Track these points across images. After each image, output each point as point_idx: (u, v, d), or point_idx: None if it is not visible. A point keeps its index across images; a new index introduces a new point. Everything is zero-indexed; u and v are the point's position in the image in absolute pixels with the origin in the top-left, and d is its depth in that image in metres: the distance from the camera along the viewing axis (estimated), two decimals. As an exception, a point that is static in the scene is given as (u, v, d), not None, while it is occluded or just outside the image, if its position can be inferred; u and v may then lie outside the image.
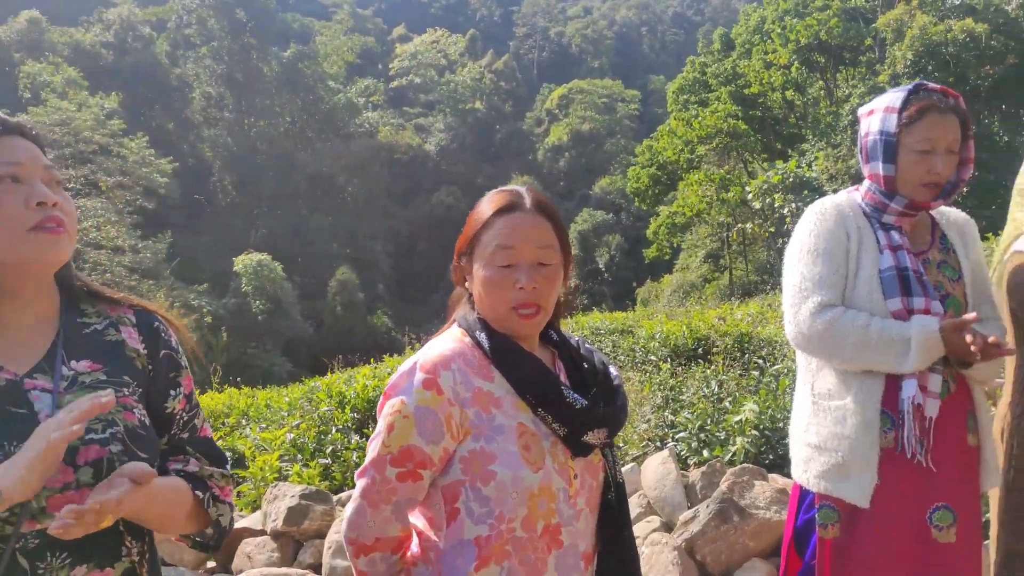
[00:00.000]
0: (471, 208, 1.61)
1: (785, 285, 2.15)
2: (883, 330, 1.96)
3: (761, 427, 4.27)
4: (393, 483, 1.46)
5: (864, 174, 2.18)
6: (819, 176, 22.83)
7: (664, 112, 41.56)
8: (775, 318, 8.66)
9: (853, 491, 2.00)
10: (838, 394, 2.06)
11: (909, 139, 2.04)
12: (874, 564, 2.00)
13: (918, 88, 2.09)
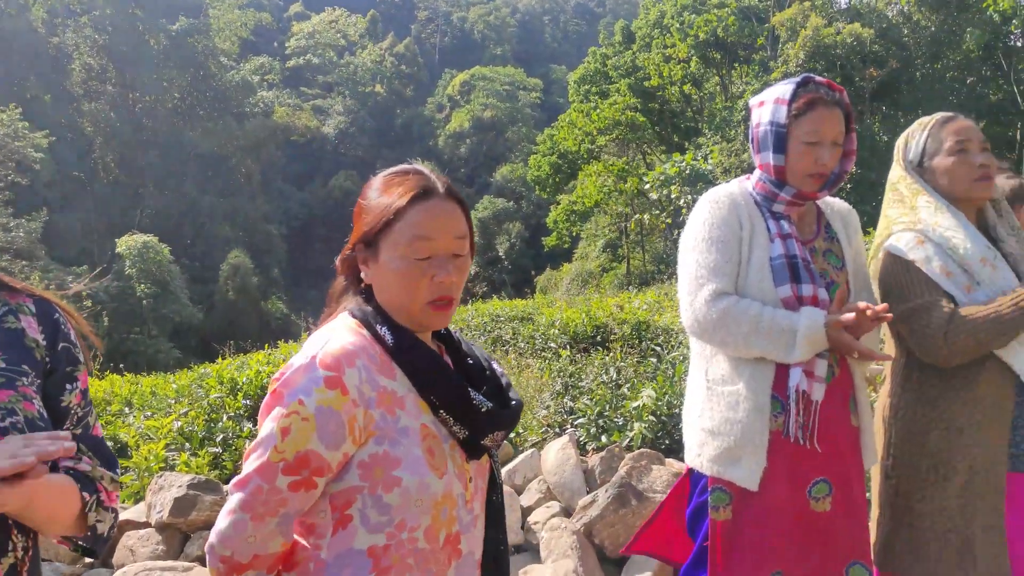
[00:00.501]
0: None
1: (681, 273, 2.17)
2: (773, 320, 2.00)
3: (658, 413, 4.34)
4: (284, 493, 1.30)
5: (755, 163, 2.22)
6: (714, 169, 23.52)
7: (566, 101, 41.98)
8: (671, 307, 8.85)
9: (743, 474, 2.03)
10: (731, 380, 2.09)
11: (798, 130, 2.08)
12: (762, 544, 2.04)
13: (806, 81, 2.13)
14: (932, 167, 2.23)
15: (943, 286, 2.10)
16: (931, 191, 2.21)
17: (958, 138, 2.19)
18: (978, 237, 2.14)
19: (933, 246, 2.13)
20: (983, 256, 2.11)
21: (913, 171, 2.27)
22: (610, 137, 31.26)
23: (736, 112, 26.04)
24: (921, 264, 2.12)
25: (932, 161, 2.23)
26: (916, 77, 24.54)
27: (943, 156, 2.20)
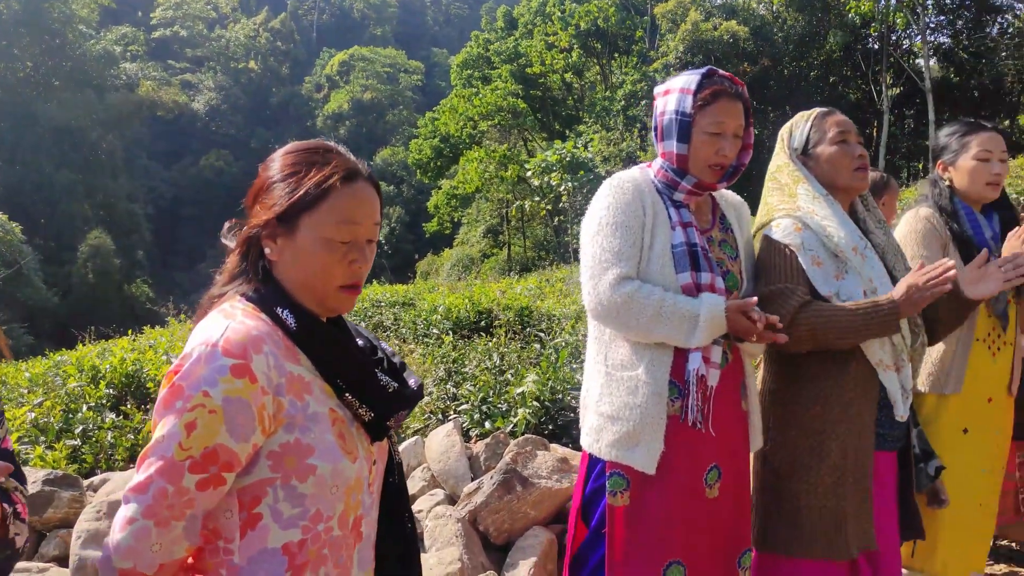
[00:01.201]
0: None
1: (584, 257, 2.15)
2: (676, 305, 2.02)
3: (542, 398, 4.35)
4: (191, 493, 1.22)
5: (657, 152, 2.23)
6: (594, 157, 23.94)
7: (448, 85, 41.77)
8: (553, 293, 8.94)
9: (641, 458, 2.05)
10: (631, 365, 2.10)
11: (702, 120, 2.11)
12: (659, 527, 2.06)
13: (711, 73, 2.16)
14: (816, 155, 2.31)
15: (812, 274, 2.18)
16: (811, 180, 2.29)
17: (840, 129, 2.29)
18: (851, 227, 2.24)
19: (810, 233, 2.21)
20: (855, 245, 2.21)
21: (796, 159, 2.34)
22: (492, 123, 31.30)
23: (616, 102, 26.59)
24: (796, 250, 2.19)
25: (816, 149, 2.31)
26: (784, 74, 25.75)
27: (826, 145, 2.29)
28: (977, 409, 2.61)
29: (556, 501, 3.47)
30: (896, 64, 25.77)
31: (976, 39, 25.88)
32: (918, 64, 25.05)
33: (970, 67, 25.50)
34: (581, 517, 2.19)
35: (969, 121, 2.74)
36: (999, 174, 2.63)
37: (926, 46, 24.49)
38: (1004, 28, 26.15)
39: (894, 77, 26.04)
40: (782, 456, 2.25)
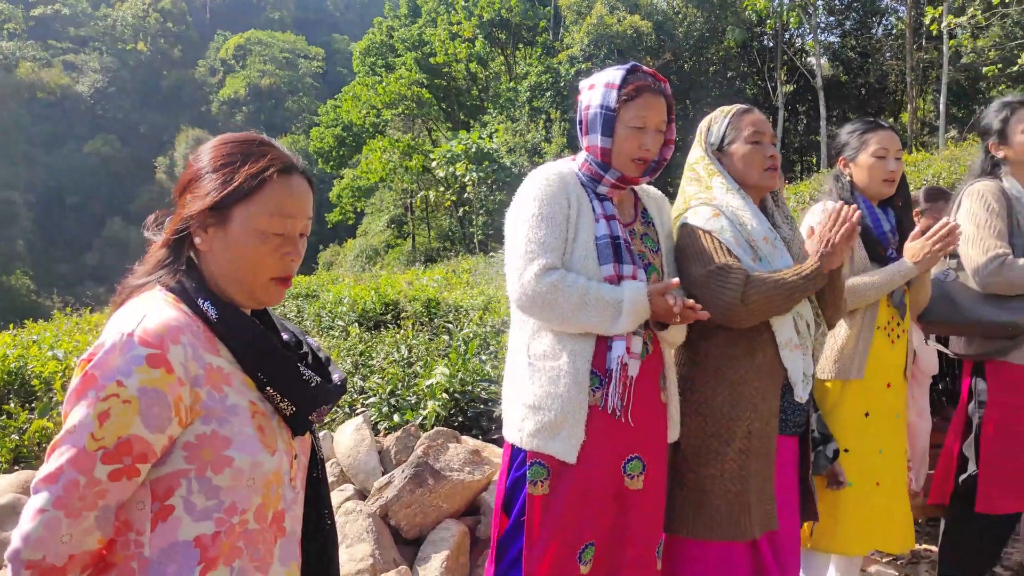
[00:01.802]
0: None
1: (509, 247, 2.16)
2: (599, 293, 2.05)
3: (451, 390, 4.32)
4: (103, 484, 1.21)
5: (582, 145, 2.25)
6: (499, 148, 23.99)
7: (350, 73, 41.06)
8: (460, 284, 8.91)
9: (562, 447, 2.07)
10: (553, 355, 2.12)
11: (626, 115, 2.13)
12: (578, 517, 2.08)
13: (634, 69, 2.19)
14: (730, 152, 2.39)
15: (736, 254, 2.25)
16: (725, 175, 2.37)
17: (755, 129, 2.37)
18: (763, 218, 2.33)
19: (726, 220, 2.28)
20: (766, 235, 2.30)
21: (712, 154, 2.42)
22: (396, 112, 30.94)
23: (521, 93, 26.70)
24: (717, 234, 2.26)
25: (731, 147, 2.39)
26: (685, 69, 26.43)
27: (741, 143, 2.37)
28: (878, 393, 2.72)
29: (468, 493, 3.46)
30: (790, 62, 26.83)
31: (862, 40, 27.20)
32: (810, 62, 26.15)
33: (858, 66, 26.80)
34: (503, 508, 2.19)
35: (868, 120, 2.86)
36: (894, 171, 2.75)
37: (817, 45, 25.57)
38: (888, 30, 27.59)
39: (788, 74, 27.13)
40: (691, 442, 2.30)
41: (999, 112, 2.98)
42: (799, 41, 28.33)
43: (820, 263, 2.18)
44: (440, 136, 31.78)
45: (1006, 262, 2.76)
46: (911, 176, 11.77)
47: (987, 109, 3.08)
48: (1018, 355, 2.82)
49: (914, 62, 23.52)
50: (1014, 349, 2.82)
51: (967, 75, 23.17)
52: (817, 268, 2.18)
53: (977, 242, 2.82)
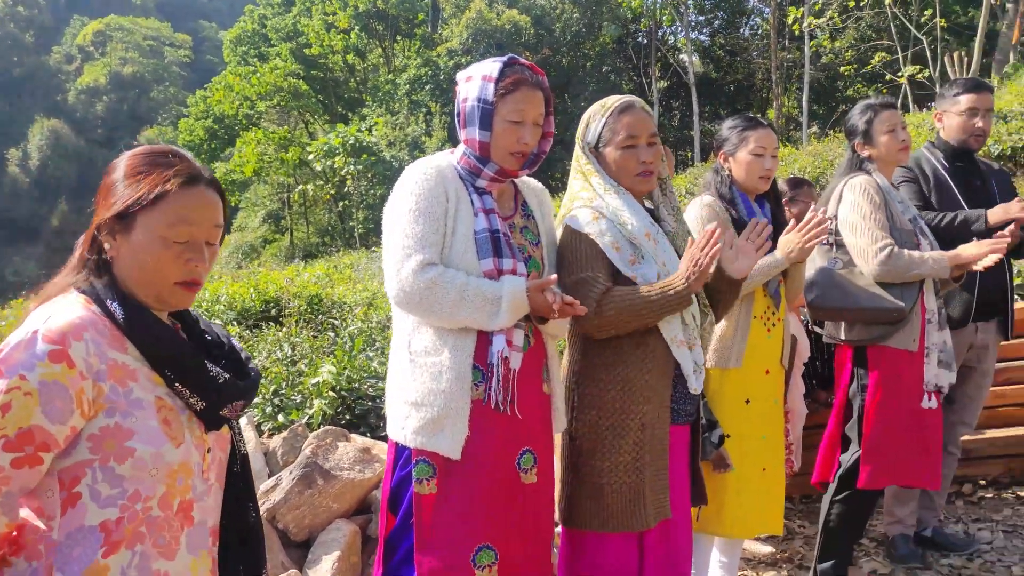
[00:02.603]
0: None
1: (386, 243, 2.12)
2: (478, 288, 2.03)
3: (338, 388, 4.23)
4: (6, 471, 1.28)
5: (460, 138, 2.22)
6: (379, 141, 23.65)
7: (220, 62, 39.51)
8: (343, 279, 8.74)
9: (446, 443, 2.05)
10: (434, 351, 2.09)
11: (504, 108, 2.12)
12: (468, 516, 2.06)
13: (512, 61, 2.18)
14: (604, 154, 2.39)
15: (612, 258, 2.27)
16: (602, 174, 2.39)
17: (629, 133, 2.34)
18: (643, 215, 2.36)
19: (606, 222, 2.30)
20: (647, 231, 2.32)
21: (589, 153, 2.42)
22: (271, 103, 29.98)
23: (400, 86, 26.41)
24: (595, 237, 2.27)
25: (605, 149, 2.39)
26: (563, 64, 26.80)
27: (614, 148, 2.36)
28: (757, 381, 2.83)
29: (359, 492, 3.39)
30: (664, 58, 27.67)
31: (731, 39, 28.35)
32: (683, 59, 27.04)
33: (727, 64, 27.91)
34: (389, 507, 2.15)
35: (749, 117, 2.96)
36: (770, 169, 2.87)
37: (689, 43, 26.47)
38: (754, 30, 28.88)
39: (662, 71, 27.97)
40: (586, 436, 2.33)
41: (863, 114, 3.15)
42: (672, 39, 29.28)
43: (687, 284, 2.19)
44: (317, 129, 31.04)
45: (893, 252, 2.93)
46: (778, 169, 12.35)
47: (852, 111, 3.26)
48: (897, 339, 2.99)
49: (779, 61, 24.71)
50: (894, 334, 2.99)
51: (827, 74, 24.54)
52: (683, 288, 2.19)
53: (865, 232, 2.97)
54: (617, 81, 27.29)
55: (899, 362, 3.00)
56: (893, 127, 3.09)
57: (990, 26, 18.18)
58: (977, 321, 3.41)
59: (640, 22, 26.03)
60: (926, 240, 3.08)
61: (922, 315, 3.02)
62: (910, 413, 2.99)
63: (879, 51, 19.82)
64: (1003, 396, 4.45)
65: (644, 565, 2.34)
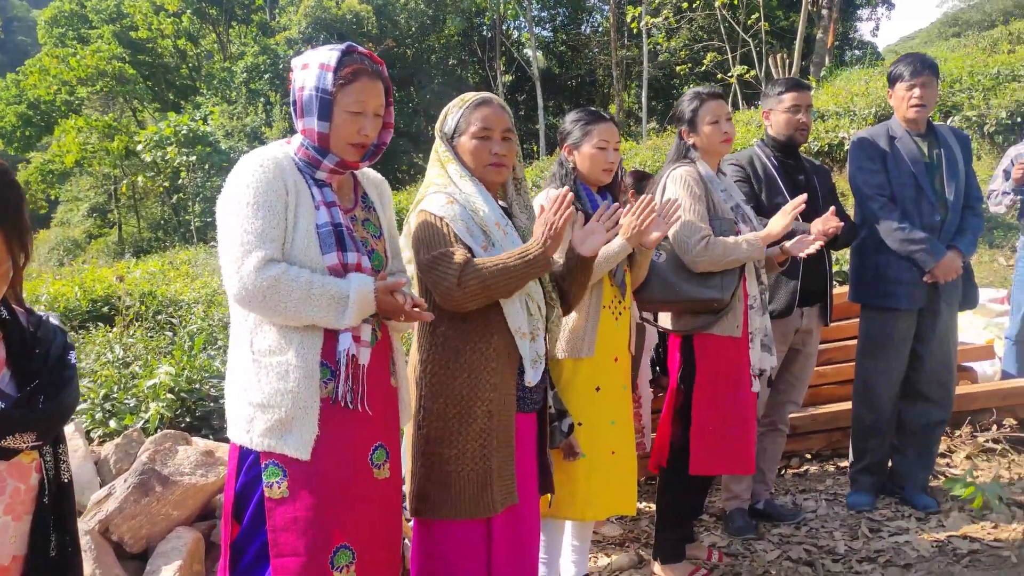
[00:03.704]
0: None
1: (223, 239, 2.02)
2: (324, 287, 1.99)
3: (177, 390, 4.02)
4: None
5: (297, 128, 2.15)
6: (215, 131, 22.58)
7: (34, 43, 36.43)
8: (179, 276, 8.30)
9: (295, 444, 1.99)
10: (279, 350, 2.02)
11: (344, 99, 2.07)
12: (323, 517, 2.00)
13: (350, 50, 2.13)
14: (460, 144, 2.44)
15: (466, 241, 2.30)
16: (459, 162, 2.44)
17: (483, 125, 2.41)
18: (495, 205, 2.40)
19: (459, 207, 2.33)
20: (498, 221, 2.37)
21: (447, 142, 2.46)
22: (94, 89, 27.96)
23: (237, 74, 25.33)
24: (449, 221, 2.29)
25: (460, 139, 2.44)
26: (407, 55, 26.56)
27: (468, 138, 2.42)
28: (606, 369, 2.91)
29: (202, 497, 3.23)
30: (508, 53, 28.00)
31: (572, 35, 29.08)
32: (527, 54, 27.48)
33: (569, 60, 28.61)
34: (233, 513, 2.06)
35: (592, 111, 3.03)
36: (613, 162, 2.96)
37: (532, 38, 26.93)
38: (595, 27, 29.77)
39: (507, 65, 28.30)
40: (433, 424, 2.34)
41: (691, 102, 3.29)
42: (516, 33, 29.69)
43: (544, 248, 2.25)
44: (147, 117, 29.29)
45: (710, 242, 3.07)
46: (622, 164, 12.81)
47: (682, 97, 3.40)
48: (720, 327, 3.14)
49: (618, 58, 25.60)
50: (717, 323, 3.13)
51: (664, 72, 25.66)
52: (540, 252, 2.24)
53: (685, 224, 3.10)
54: (463, 74, 27.40)
55: (724, 349, 3.15)
56: (717, 119, 3.23)
57: (808, 31, 19.61)
58: (802, 307, 3.65)
59: (484, 15, 26.21)
60: (748, 227, 3.23)
61: (744, 302, 3.19)
62: (736, 399, 3.15)
63: (711, 51, 20.92)
64: (825, 376, 4.81)
65: (492, 550, 2.37)
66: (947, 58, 14.98)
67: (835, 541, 3.53)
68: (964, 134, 3.96)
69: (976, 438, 4.47)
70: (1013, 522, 3.51)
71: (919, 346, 3.77)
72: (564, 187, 2.33)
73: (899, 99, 3.78)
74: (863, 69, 18.47)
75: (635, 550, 3.56)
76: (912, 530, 3.57)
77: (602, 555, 3.55)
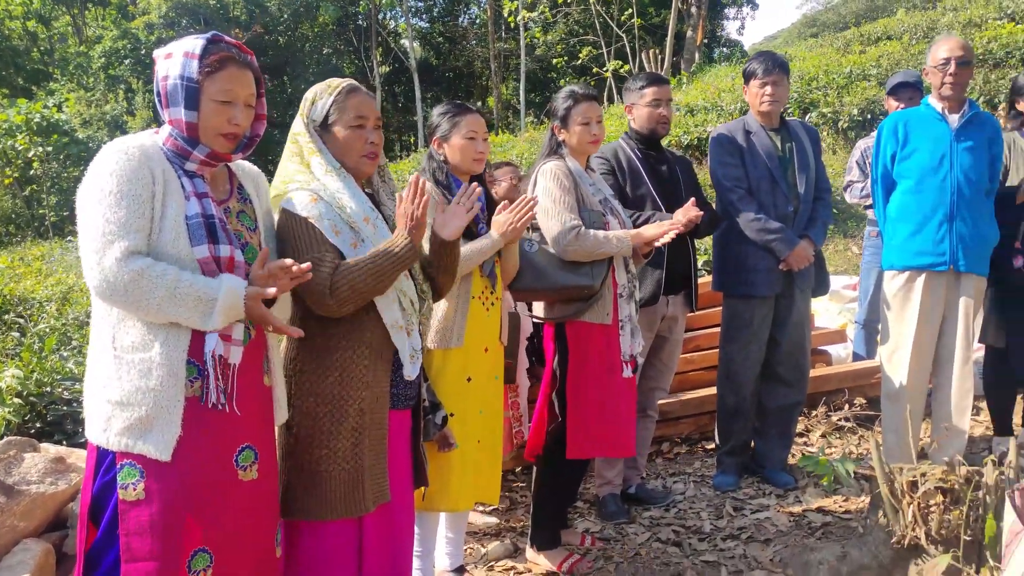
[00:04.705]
0: None
1: (85, 229, 1.91)
2: (192, 287, 1.91)
3: (26, 393, 3.77)
4: None
5: (164, 119, 2.07)
6: (71, 119, 21.25)
7: None
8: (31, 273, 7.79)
9: (155, 445, 1.91)
10: (143, 346, 1.94)
11: (211, 87, 2.00)
12: (181, 520, 1.93)
13: (216, 39, 2.06)
14: (332, 132, 2.38)
15: (333, 242, 2.26)
16: (325, 153, 2.37)
17: (358, 113, 2.37)
18: (363, 199, 2.36)
19: (324, 205, 2.28)
20: (366, 216, 2.34)
21: (314, 130, 2.40)
22: (-69, 72, 25.81)
23: (95, 60, 23.94)
24: (314, 221, 2.25)
25: (333, 127, 2.38)
26: (279, 43, 25.76)
27: (342, 126, 2.37)
28: (477, 359, 2.93)
29: (52, 506, 3.04)
30: (385, 43, 27.63)
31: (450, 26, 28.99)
32: (404, 45, 27.21)
33: (447, 51, 28.50)
34: (90, 517, 1.96)
35: (458, 103, 3.07)
36: (483, 151, 3.00)
37: (409, 28, 26.68)
38: (473, 19, 29.78)
39: (384, 55, 27.91)
40: (303, 424, 2.29)
41: (565, 100, 3.36)
42: (393, 23, 29.34)
43: (408, 239, 2.26)
44: (-6, 103, 27.22)
45: (581, 233, 3.13)
46: (498, 156, 12.89)
47: (558, 93, 3.45)
48: (591, 315, 3.21)
49: (496, 51, 25.72)
50: (588, 310, 3.21)
51: (541, 65, 25.96)
52: (406, 244, 2.25)
53: (555, 215, 3.16)
54: (339, 64, 26.82)
55: (595, 335, 3.23)
56: (588, 120, 3.30)
57: (678, 28, 20.27)
58: (667, 295, 3.78)
59: (359, 4, 25.75)
60: (616, 220, 3.34)
61: (614, 290, 3.28)
62: (609, 384, 3.24)
63: (586, 46, 21.32)
64: (692, 362, 4.99)
65: (364, 549, 2.35)
66: (805, 57, 15.80)
67: (702, 521, 3.68)
68: (814, 129, 4.19)
69: (831, 417, 4.75)
70: (861, 495, 3.75)
71: (775, 331, 3.97)
72: (415, 174, 2.33)
73: (753, 95, 3.96)
74: (730, 66, 19.22)
75: (511, 539, 3.60)
76: (772, 507, 3.76)
77: (478, 545, 3.56)
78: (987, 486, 2.47)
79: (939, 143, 3.73)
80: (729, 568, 3.20)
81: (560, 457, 3.22)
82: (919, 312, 3.76)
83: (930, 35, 14.90)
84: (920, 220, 3.74)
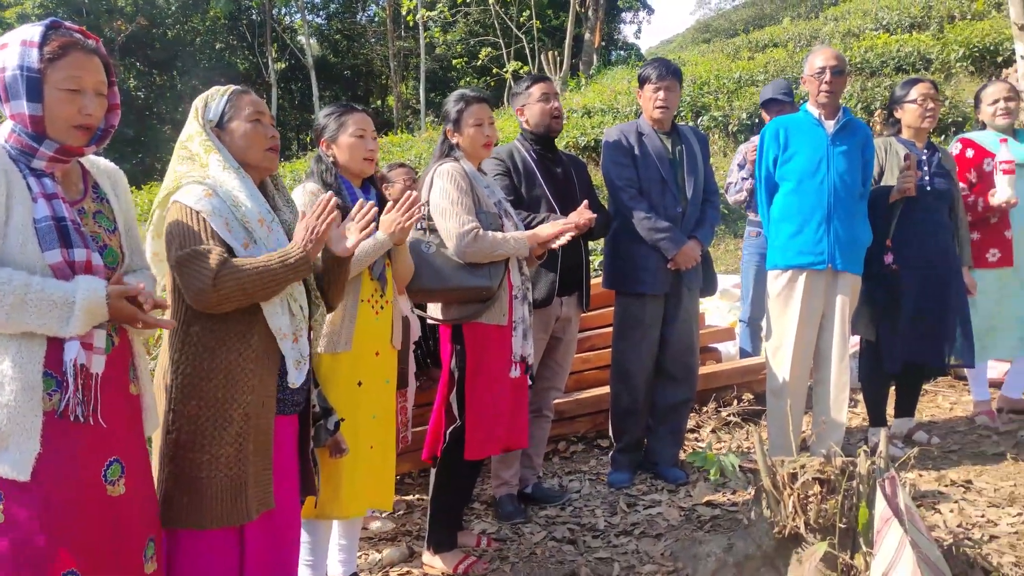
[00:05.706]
0: None
1: None
2: (44, 291, 1.81)
3: None
4: None
5: (6, 114, 1.94)
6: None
7: None
8: None
9: (12, 464, 1.79)
10: None
11: (55, 76, 1.88)
12: (45, 539, 1.82)
13: (56, 25, 1.95)
14: (231, 130, 2.36)
15: (224, 237, 2.20)
16: (224, 152, 2.33)
17: (254, 109, 2.39)
18: (260, 199, 2.33)
19: (219, 200, 2.23)
20: (262, 217, 2.30)
21: (211, 131, 2.36)
22: None
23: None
24: (207, 215, 2.19)
25: (231, 124, 2.36)
26: (168, 36, 24.78)
27: (241, 121, 2.37)
28: (367, 363, 2.88)
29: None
30: (280, 39, 26.97)
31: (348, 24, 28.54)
32: (301, 41, 26.62)
33: (345, 49, 28.04)
34: None
35: (343, 103, 3.04)
36: (373, 150, 2.97)
37: (306, 24, 26.13)
38: (372, 18, 29.41)
39: (280, 52, 27.24)
40: (184, 429, 2.22)
41: (456, 103, 3.35)
42: (288, 19, 28.68)
43: (304, 251, 2.23)
44: None
45: (478, 235, 3.13)
46: (397, 156, 12.77)
47: (449, 96, 3.44)
48: (488, 316, 3.21)
49: (395, 50, 25.47)
50: (485, 311, 3.20)
51: (441, 64, 25.86)
52: (301, 256, 2.22)
53: (453, 216, 3.14)
54: (232, 59, 26.05)
55: (491, 336, 3.24)
56: (480, 122, 3.31)
57: (577, 31, 20.56)
58: (561, 296, 3.81)
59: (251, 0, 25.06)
60: (510, 221, 3.35)
61: (509, 292, 3.29)
62: (503, 383, 3.25)
63: (486, 47, 21.36)
64: (588, 361, 5.06)
65: (245, 558, 2.29)
66: (698, 62, 16.30)
67: (596, 518, 3.73)
68: (703, 133, 4.32)
69: (720, 413, 4.89)
70: (747, 487, 3.87)
71: (665, 330, 4.06)
72: (328, 192, 2.29)
73: (646, 99, 4.05)
74: (627, 69, 19.65)
75: (407, 543, 3.56)
76: (664, 502, 3.84)
77: (373, 551, 3.51)
78: (860, 476, 2.59)
79: (817, 148, 3.90)
80: (622, 564, 3.25)
81: (458, 458, 3.21)
82: (800, 310, 3.92)
83: (813, 43, 15.63)
84: (800, 221, 3.91)
